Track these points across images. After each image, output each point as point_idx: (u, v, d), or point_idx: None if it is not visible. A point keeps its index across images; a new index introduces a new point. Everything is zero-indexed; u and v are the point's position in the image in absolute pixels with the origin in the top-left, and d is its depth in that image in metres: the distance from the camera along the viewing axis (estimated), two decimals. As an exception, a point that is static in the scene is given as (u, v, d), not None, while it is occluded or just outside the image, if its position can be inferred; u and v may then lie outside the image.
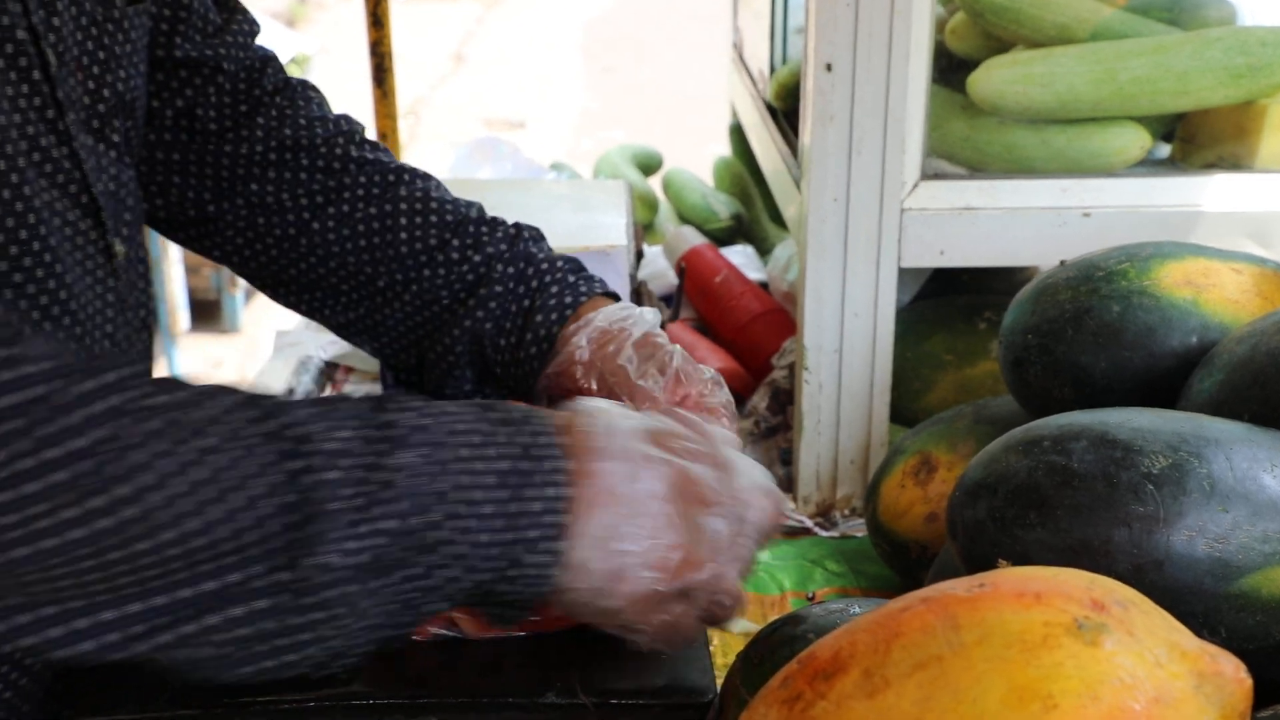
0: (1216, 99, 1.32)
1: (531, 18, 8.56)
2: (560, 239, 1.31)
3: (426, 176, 1.09)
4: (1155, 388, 0.97)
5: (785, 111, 1.69)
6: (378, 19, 2.03)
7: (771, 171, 1.65)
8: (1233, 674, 0.57)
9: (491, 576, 0.72)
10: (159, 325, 1.03)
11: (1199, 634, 0.61)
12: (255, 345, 4.53)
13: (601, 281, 1.06)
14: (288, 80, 1.10)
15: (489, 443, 0.72)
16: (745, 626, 1.16)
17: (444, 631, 0.84)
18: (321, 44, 6.04)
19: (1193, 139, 1.37)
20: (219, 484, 0.65)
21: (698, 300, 1.74)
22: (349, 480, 0.67)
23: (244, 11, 1.10)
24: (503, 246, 1.05)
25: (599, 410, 0.78)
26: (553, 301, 1.02)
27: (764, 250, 1.99)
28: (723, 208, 2.09)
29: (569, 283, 1.04)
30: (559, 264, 1.05)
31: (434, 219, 1.05)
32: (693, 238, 1.85)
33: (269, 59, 1.10)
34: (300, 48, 5.38)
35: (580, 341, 0.99)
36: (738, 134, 2.21)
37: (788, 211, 1.50)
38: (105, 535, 0.63)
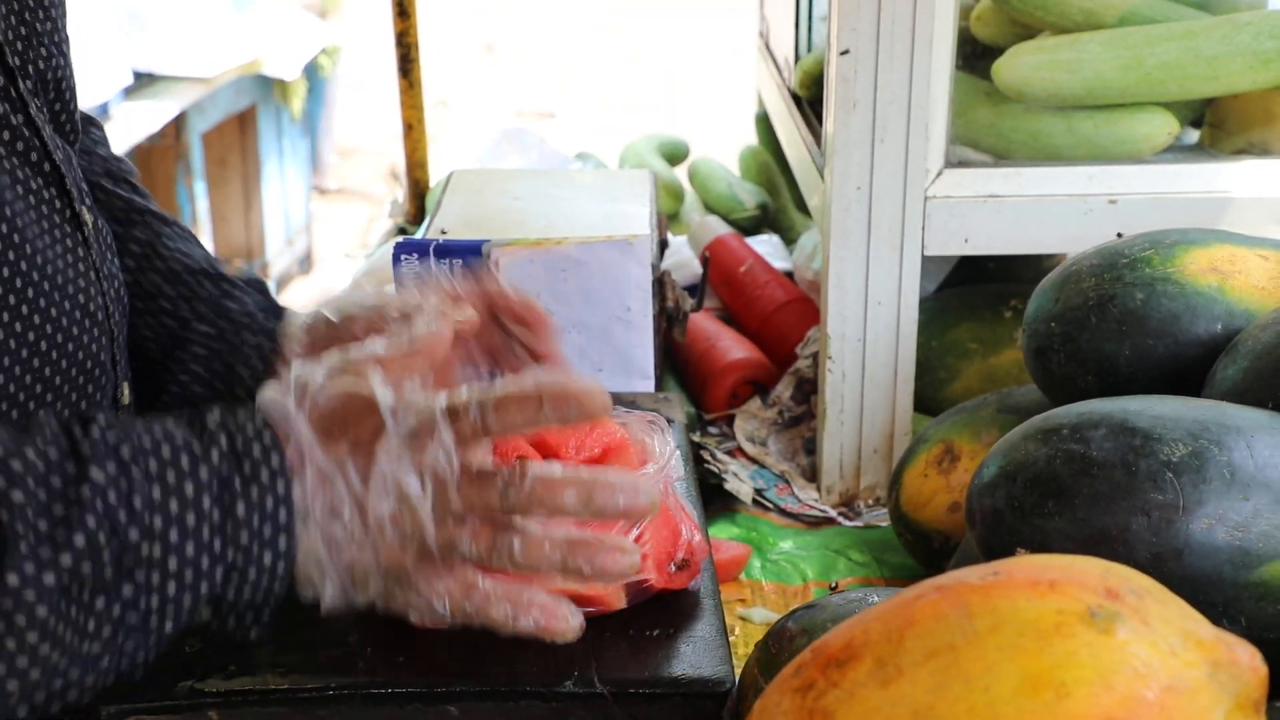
0: (1246, 84, 1.30)
1: (561, 7, 8.56)
2: (584, 229, 1.32)
3: (164, 221, 1.06)
4: (1180, 376, 0.96)
5: (810, 100, 1.69)
6: (404, 9, 2.03)
7: (796, 160, 1.65)
8: (1248, 662, 0.57)
9: (213, 588, 0.71)
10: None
11: (1218, 623, 0.61)
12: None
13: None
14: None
15: (186, 451, 0.70)
16: (766, 616, 1.17)
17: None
18: (353, 35, 6.06)
19: (1222, 125, 1.36)
20: None
21: (722, 290, 1.74)
22: (32, 500, 0.65)
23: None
24: (200, 307, 1.03)
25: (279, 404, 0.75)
26: (252, 348, 1.01)
27: (790, 239, 1.97)
28: (749, 197, 2.08)
29: (261, 325, 1.02)
30: (249, 308, 1.04)
31: (157, 267, 1.03)
32: (718, 227, 1.84)
33: None
34: (331, 39, 5.40)
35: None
36: (764, 123, 2.20)
37: (812, 200, 1.50)
38: None
